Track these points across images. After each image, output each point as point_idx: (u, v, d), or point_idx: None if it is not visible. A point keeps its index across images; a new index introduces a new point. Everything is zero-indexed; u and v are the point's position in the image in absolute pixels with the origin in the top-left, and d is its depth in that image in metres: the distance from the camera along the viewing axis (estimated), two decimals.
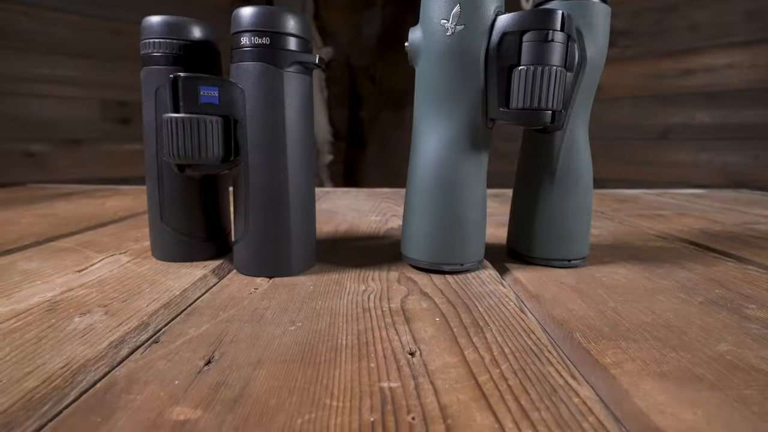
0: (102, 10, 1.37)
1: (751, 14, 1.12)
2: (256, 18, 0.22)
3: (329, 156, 1.84)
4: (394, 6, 1.90)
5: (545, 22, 0.22)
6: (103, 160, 1.43)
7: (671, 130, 1.27)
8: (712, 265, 0.27)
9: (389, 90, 1.96)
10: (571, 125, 0.25)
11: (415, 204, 0.25)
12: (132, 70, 1.29)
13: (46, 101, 1.31)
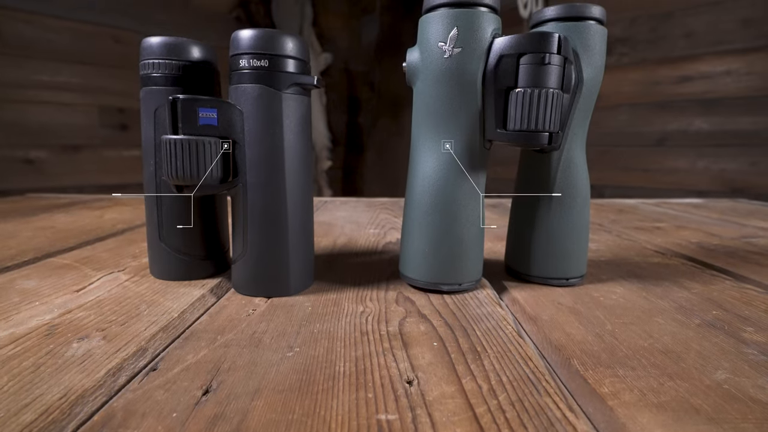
0: (102, 18, 1.37)
1: (747, 22, 1.13)
2: (255, 41, 0.22)
3: (328, 162, 1.85)
4: (392, 12, 1.92)
5: (542, 46, 0.22)
6: (101, 167, 1.44)
7: (668, 137, 1.27)
8: (710, 283, 0.27)
9: (388, 96, 1.97)
10: (568, 144, 0.25)
11: (414, 224, 0.25)
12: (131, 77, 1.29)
13: (46, 108, 1.31)
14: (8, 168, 1.25)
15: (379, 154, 2.02)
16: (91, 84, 1.38)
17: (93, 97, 1.39)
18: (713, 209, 0.58)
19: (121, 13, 1.40)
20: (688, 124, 1.23)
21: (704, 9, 1.18)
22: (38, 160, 1.31)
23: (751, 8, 1.11)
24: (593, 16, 0.24)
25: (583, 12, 0.24)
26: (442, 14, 0.22)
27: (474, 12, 0.22)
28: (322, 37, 1.86)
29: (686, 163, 1.25)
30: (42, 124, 1.30)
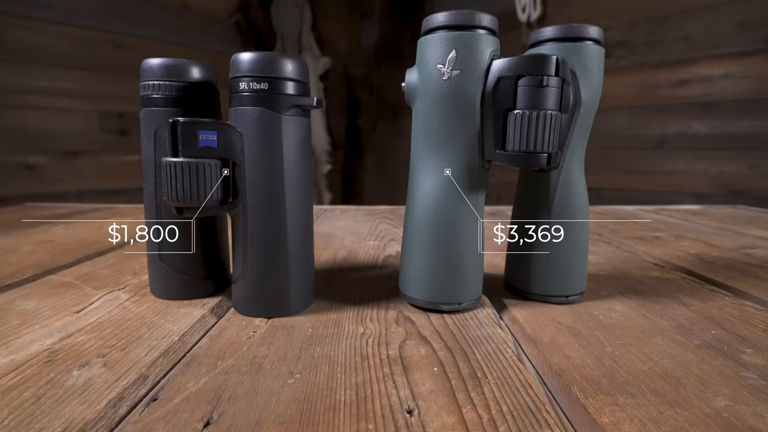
0: (102, 23, 1.38)
1: (744, 26, 1.14)
2: (255, 64, 0.22)
3: (327, 165, 1.85)
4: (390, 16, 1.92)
5: (540, 68, 0.22)
6: (101, 172, 1.44)
7: (667, 140, 1.27)
8: (709, 299, 0.27)
9: (387, 99, 1.97)
10: (567, 163, 0.25)
11: (413, 244, 0.25)
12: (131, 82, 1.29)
13: (46, 113, 1.31)
14: (8, 174, 1.25)
15: (379, 157, 2.03)
16: (91, 89, 1.38)
17: (93, 103, 1.39)
18: (712, 216, 0.59)
19: (121, 19, 1.41)
20: (687, 127, 1.23)
21: (701, 13, 1.19)
22: (38, 166, 1.31)
23: (747, 12, 1.12)
24: (591, 36, 0.24)
25: (581, 33, 0.24)
26: (441, 37, 0.23)
27: (473, 35, 0.22)
28: (322, 41, 1.87)
29: (685, 166, 1.25)
30: (42, 130, 1.30)
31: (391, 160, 1.95)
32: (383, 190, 2.00)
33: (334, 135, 1.93)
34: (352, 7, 2.04)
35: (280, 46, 1.77)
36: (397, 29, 1.90)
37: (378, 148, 2.02)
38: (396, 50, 1.91)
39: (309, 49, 1.81)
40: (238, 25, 1.69)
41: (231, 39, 1.68)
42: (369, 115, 2.05)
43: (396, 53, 1.91)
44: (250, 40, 1.72)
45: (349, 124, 2.07)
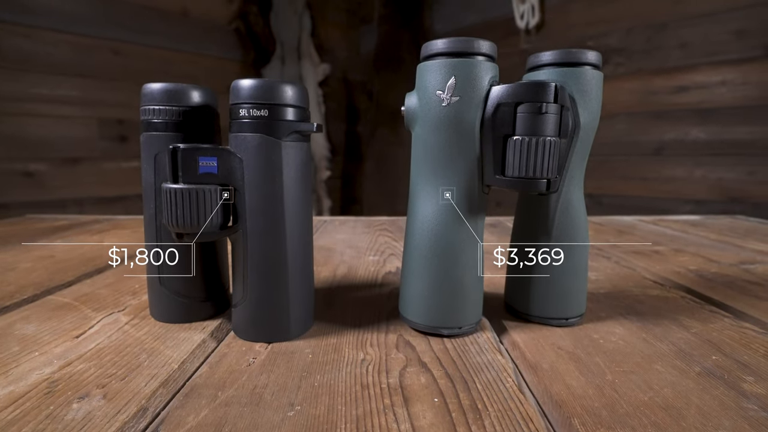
0: (101, 31, 1.38)
1: (741, 33, 1.14)
2: (255, 90, 0.22)
3: (327, 172, 1.85)
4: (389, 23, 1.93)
5: (539, 95, 0.22)
6: (101, 179, 1.44)
7: (666, 146, 1.28)
8: (709, 321, 0.27)
9: (386, 105, 1.98)
10: (566, 187, 0.25)
11: (413, 267, 0.25)
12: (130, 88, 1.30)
13: (45, 120, 1.32)
14: (8, 181, 1.25)
15: (378, 163, 2.03)
16: (90, 96, 1.38)
17: (92, 110, 1.39)
18: (711, 228, 0.59)
19: (120, 26, 1.41)
20: (685, 134, 1.24)
21: (699, 20, 1.19)
22: (38, 173, 1.31)
23: (745, 20, 1.13)
24: (589, 61, 0.24)
25: (579, 58, 0.24)
26: (440, 64, 0.23)
27: (472, 61, 0.22)
28: (321, 47, 1.87)
29: (684, 172, 1.25)
30: (41, 137, 1.30)
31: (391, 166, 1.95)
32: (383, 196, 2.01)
33: (333, 141, 1.93)
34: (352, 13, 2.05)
35: (279, 52, 1.77)
36: (396, 36, 1.91)
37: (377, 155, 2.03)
38: (395, 57, 1.92)
39: (308, 56, 1.81)
40: (237, 32, 1.70)
41: (230, 45, 1.69)
42: (368, 121, 2.06)
43: (395, 60, 1.92)
44: (249, 46, 1.73)
45: (349, 130, 2.08)
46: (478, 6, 1.67)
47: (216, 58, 1.65)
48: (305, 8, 1.82)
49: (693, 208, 1.26)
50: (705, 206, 1.24)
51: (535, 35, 1.51)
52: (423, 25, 1.79)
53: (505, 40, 1.58)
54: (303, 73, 1.80)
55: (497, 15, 1.60)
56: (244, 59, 1.72)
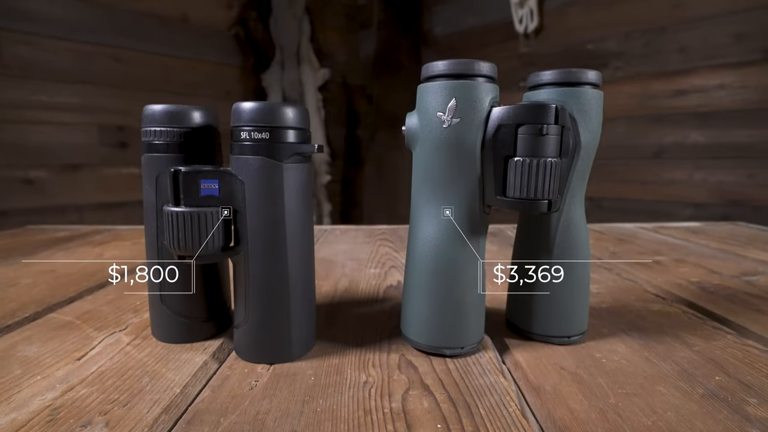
0: (101, 38, 1.39)
1: (740, 36, 1.15)
2: (256, 113, 0.22)
3: (327, 176, 1.85)
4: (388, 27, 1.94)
5: (539, 117, 0.22)
6: (101, 185, 1.44)
7: (665, 150, 1.28)
8: (712, 338, 0.27)
9: (386, 109, 1.98)
10: (567, 206, 0.25)
11: (415, 287, 0.25)
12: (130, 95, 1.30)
13: (45, 127, 1.32)
14: (8, 189, 1.26)
15: (378, 167, 2.03)
16: (90, 103, 1.38)
17: (92, 116, 1.39)
18: (712, 236, 0.59)
19: (121, 33, 1.42)
20: (685, 137, 1.24)
21: (697, 24, 1.20)
22: (38, 180, 1.32)
23: (743, 23, 1.13)
24: (589, 81, 0.24)
25: (579, 77, 0.24)
26: (441, 85, 0.23)
27: (472, 83, 0.22)
28: (320, 52, 1.88)
29: (684, 176, 1.25)
30: (41, 144, 1.30)
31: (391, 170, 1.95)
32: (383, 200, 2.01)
33: (333, 145, 1.93)
34: (351, 18, 2.05)
35: (279, 58, 1.78)
36: (395, 40, 1.92)
37: (377, 158, 2.03)
38: (394, 61, 1.93)
39: (308, 61, 1.82)
40: (237, 38, 1.71)
41: (230, 51, 1.69)
42: (368, 125, 2.06)
43: (394, 64, 1.93)
44: (249, 52, 1.73)
45: (348, 134, 2.08)
46: (477, 10, 1.68)
47: (216, 64, 1.65)
48: (304, 13, 1.82)
49: (693, 212, 1.26)
50: (705, 209, 1.24)
51: (533, 39, 1.51)
52: (422, 30, 1.79)
53: (504, 44, 1.59)
54: (302, 78, 1.81)
55: (496, 19, 1.60)
56: (244, 65, 1.73)
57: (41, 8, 1.27)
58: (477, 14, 1.68)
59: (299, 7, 1.80)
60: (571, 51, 1.40)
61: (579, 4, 1.41)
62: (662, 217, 1.29)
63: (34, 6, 1.26)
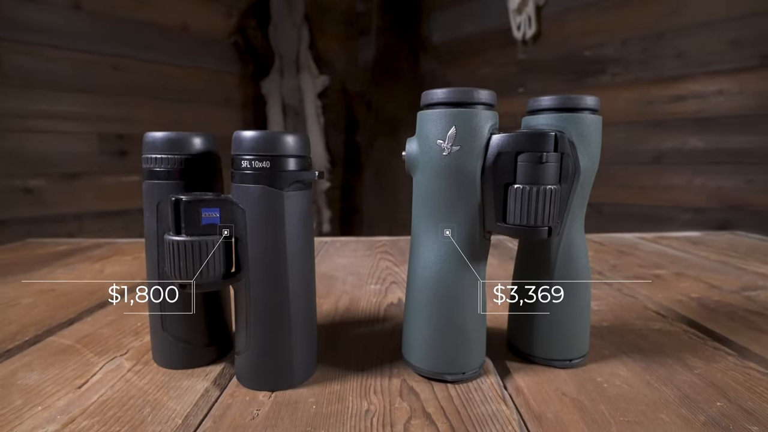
0: (101, 47, 1.39)
1: (737, 43, 1.15)
2: (257, 143, 0.23)
3: (326, 183, 1.85)
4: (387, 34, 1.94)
5: (538, 145, 0.22)
6: (100, 194, 1.44)
7: (664, 155, 1.28)
8: (713, 360, 0.27)
9: (385, 115, 1.98)
10: (567, 228, 0.25)
11: (415, 313, 0.25)
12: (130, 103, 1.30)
13: (45, 136, 1.32)
14: (7, 198, 1.26)
15: (378, 172, 2.03)
16: (90, 112, 1.39)
17: (92, 125, 1.40)
18: (712, 246, 0.59)
19: (120, 41, 1.42)
20: (683, 142, 1.24)
21: (694, 30, 1.20)
22: (37, 189, 1.32)
23: (740, 30, 1.13)
24: (588, 106, 0.24)
25: (578, 103, 0.24)
26: (440, 113, 0.23)
27: (472, 112, 0.23)
28: (320, 59, 1.89)
29: (683, 181, 1.26)
30: (41, 153, 1.30)
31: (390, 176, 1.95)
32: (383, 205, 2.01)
33: (332, 152, 1.94)
34: (349, 24, 2.06)
35: (278, 65, 1.78)
36: (394, 46, 1.92)
37: (377, 164, 2.03)
38: (393, 67, 1.93)
39: (307, 68, 1.82)
40: (236, 45, 1.71)
41: (229, 59, 1.70)
42: (367, 131, 2.06)
43: (393, 70, 1.93)
44: (248, 59, 1.74)
45: (348, 140, 2.09)
46: (475, 17, 1.69)
47: (215, 72, 1.66)
48: (303, 21, 1.83)
49: (693, 216, 1.26)
50: (704, 214, 1.24)
51: (531, 45, 1.52)
52: (420, 36, 1.80)
53: (502, 50, 1.59)
54: (302, 85, 1.81)
55: (494, 26, 1.61)
56: (243, 72, 1.73)
57: (41, 18, 1.28)
58: (475, 21, 1.69)
59: (298, 15, 1.81)
60: (569, 57, 1.41)
61: (576, 11, 1.41)
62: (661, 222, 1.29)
63: (34, 16, 1.27)
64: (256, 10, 1.74)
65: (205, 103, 1.66)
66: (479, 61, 1.65)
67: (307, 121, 1.83)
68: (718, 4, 1.16)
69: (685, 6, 1.22)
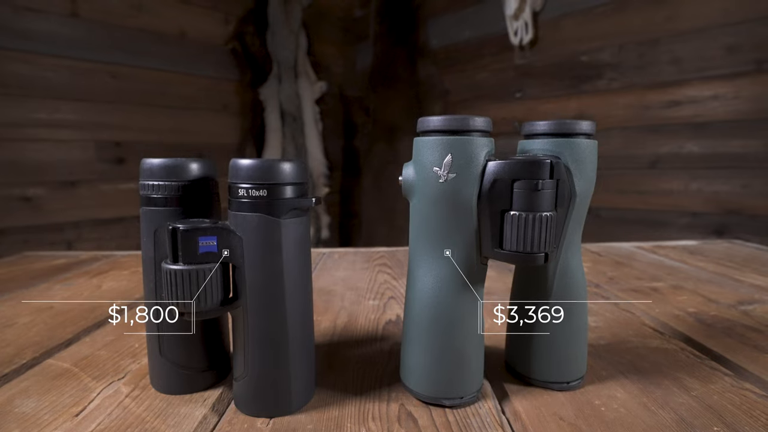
0: (99, 55, 1.39)
1: (731, 48, 1.16)
2: (254, 171, 0.23)
3: (325, 189, 1.85)
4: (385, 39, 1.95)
5: (534, 173, 0.22)
6: (99, 201, 1.44)
7: (661, 160, 1.29)
8: (710, 381, 0.27)
9: (383, 120, 1.99)
10: (564, 253, 0.25)
11: (413, 337, 0.25)
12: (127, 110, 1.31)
13: (43, 145, 1.32)
14: (5, 207, 1.25)
15: (376, 177, 2.04)
16: (87, 119, 1.39)
17: (90, 133, 1.40)
18: (709, 256, 0.59)
19: (118, 49, 1.42)
20: (680, 147, 1.25)
21: (690, 36, 1.21)
22: (35, 197, 1.31)
23: (735, 35, 1.14)
24: (583, 131, 0.24)
25: (573, 128, 0.24)
26: (437, 141, 0.23)
27: (468, 139, 0.23)
28: (317, 65, 1.89)
29: (680, 185, 1.26)
30: (39, 162, 1.30)
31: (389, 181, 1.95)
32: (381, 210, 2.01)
33: (330, 157, 1.94)
34: (347, 30, 2.07)
35: (276, 71, 1.79)
36: (391, 52, 1.93)
37: (375, 169, 2.03)
38: (391, 72, 1.94)
39: (305, 74, 1.83)
40: (234, 52, 1.72)
41: (227, 66, 1.70)
42: (365, 136, 2.07)
43: (391, 75, 1.94)
44: (246, 66, 1.74)
45: (346, 145, 2.09)
46: (473, 23, 1.69)
47: (213, 79, 1.66)
48: (301, 27, 1.84)
49: (690, 220, 1.26)
50: (702, 218, 1.24)
51: (528, 51, 1.52)
52: (418, 42, 1.81)
53: (500, 55, 1.60)
54: (300, 92, 1.82)
55: (491, 31, 1.61)
56: (241, 79, 1.74)
57: (39, 27, 1.28)
58: (472, 26, 1.69)
59: (296, 21, 1.82)
60: (566, 62, 1.42)
61: (573, 17, 1.42)
62: (659, 227, 1.29)
63: (32, 25, 1.27)
64: (254, 17, 1.75)
65: (203, 109, 1.66)
66: (476, 67, 1.66)
67: (306, 127, 1.84)
68: (713, 10, 1.17)
69: (680, 12, 1.22)
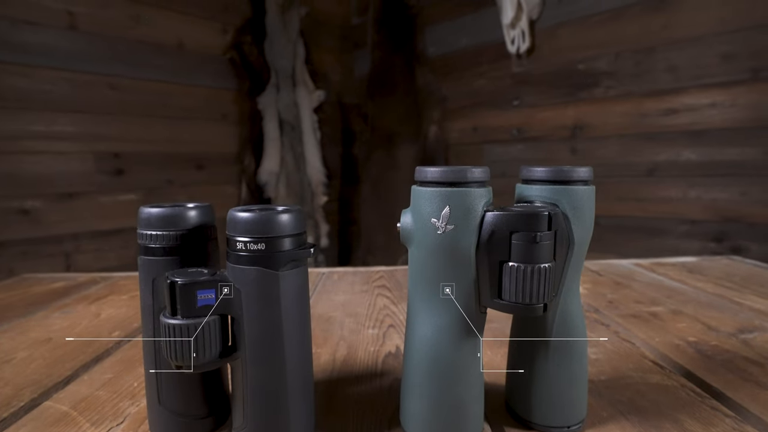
0: (97, 67, 1.39)
1: (727, 57, 1.17)
2: (251, 225, 0.23)
3: (324, 197, 1.85)
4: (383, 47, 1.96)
5: (532, 225, 0.22)
6: (97, 213, 1.44)
7: (658, 168, 1.29)
8: (710, 423, 0.27)
9: (381, 128, 1.99)
10: (563, 299, 0.25)
11: (413, 385, 0.25)
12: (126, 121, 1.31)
13: (42, 157, 1.32)
14: (4, 219, 1.25)
15: (375, 185, 2.04)
16: (86, 131, 1.39)
17: (88, 144, 1.40)
18: (709, 275, 0.59)
19: (117, 61, 1.42)
20: (677, 155, 1.25)
21: (686, 44, 1.22)
22: (34, 210, 1.31)
23: (731, 43, 1.15)
24: (580, 178, 0.25)
25: (570, 176, 0.24)
26: (434, 193, 0.23)
27: (465, 191, 0.23)
28: (315, 74, 1.89)
29: (678, 193, 1.26)
30: (37, 174, 1.30)
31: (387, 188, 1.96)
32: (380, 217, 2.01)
33: (329, 166, 1.94)
34: (345, 38, 2.08)
35: (274, 80, 1.79)
36: (389, 60, 1.94)
37: (373, 177, 2.03)
38: (389, 80, 1.94)
39: (303, 83, 1.83)
40: (232, 62, 1.72)
41: (225, 75, 1.71)
42: (363, 144, 2.07)
43: (389, 83, 1.94)
44: (244, 76, 1.74)
45: (344, 153, 2.09)
46: (470, 31, 1.70)
47: (211, 89, 1.67)
48: (299, 36, 1.84)
49: (689, 228, 1.27)
50: (701, 226, 1.25)
51: (525, 59, 1.53)
52: (416, 50, 1.81)
53: (497, 63, 1.60)
54: (298, 101, 1.82)
55: (488, 40, 1.62)
56: (240, 88, 1.74)
57: (37, 39, 1.28)
58: (470, 35, 1.70)
59: (294, 30, 1.82)
60: (563, 71, 1.42)
61: (569, 25, 1.43)
62: (658, 234, 1.29)
63: (30, 38, 1.27)
64: (252, 26, 1.75)
65: (201, 119, 1.66)
66: (474, 75, 1.66)
67: (304, 136, 1.84)
68: (709, 18, 1.18)
69: (676, 20, 1.23)
